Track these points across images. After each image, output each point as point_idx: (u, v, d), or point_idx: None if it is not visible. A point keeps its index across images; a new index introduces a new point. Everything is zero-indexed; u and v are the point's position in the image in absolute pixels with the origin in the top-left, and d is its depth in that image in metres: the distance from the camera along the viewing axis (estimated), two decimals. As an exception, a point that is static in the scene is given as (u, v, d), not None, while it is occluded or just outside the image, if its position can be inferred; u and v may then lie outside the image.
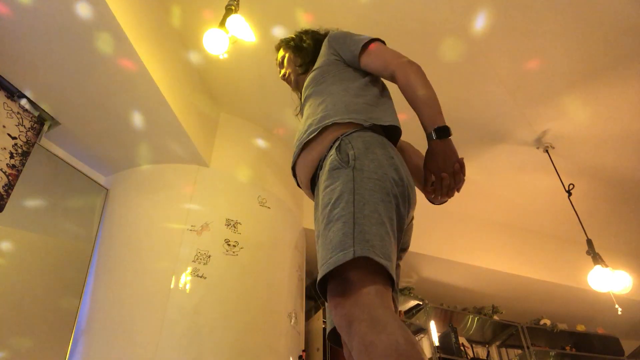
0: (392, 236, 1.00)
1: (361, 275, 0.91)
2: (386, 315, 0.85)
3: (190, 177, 2.93)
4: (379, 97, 1.30)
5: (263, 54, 2.90)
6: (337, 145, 1.11)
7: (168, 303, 2.42)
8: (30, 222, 2.48)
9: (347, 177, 1.03)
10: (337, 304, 0.91)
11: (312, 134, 1.20)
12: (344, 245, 0.92)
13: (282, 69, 1.67)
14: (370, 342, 0.82)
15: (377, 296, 0.88)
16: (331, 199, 1.02)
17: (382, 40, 1.38)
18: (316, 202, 1.19)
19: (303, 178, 1.27)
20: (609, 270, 2.93)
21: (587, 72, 2.99)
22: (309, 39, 1.61)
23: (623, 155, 3.62)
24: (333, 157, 1.09)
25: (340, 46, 1.40)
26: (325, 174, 1.09)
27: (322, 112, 1.24)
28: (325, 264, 0.93)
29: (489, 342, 4.64)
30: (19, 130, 2.36)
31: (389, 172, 1.06)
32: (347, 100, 1.24)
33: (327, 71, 1.38)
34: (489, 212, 4.45)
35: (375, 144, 1.11)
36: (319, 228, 1.05)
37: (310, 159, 1.21)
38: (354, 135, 1.13)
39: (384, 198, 1.01)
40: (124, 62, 2.28)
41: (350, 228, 0.94)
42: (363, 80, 1.33)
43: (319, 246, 1.03)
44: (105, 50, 2.21)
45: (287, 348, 2.76)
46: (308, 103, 1.36)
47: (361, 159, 1.06)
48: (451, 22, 2.72)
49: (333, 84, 1.32)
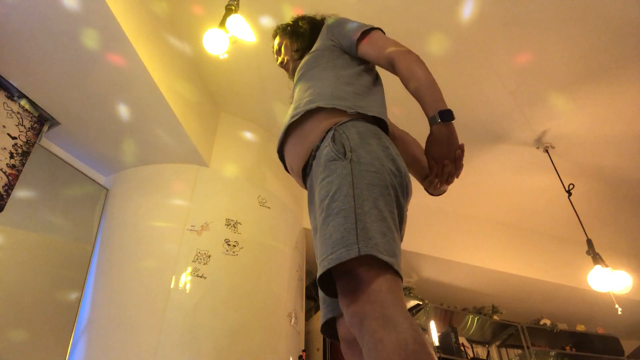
0: (395, 230, 0.99)
1: (370, 273, 0.90)
2: (398, 313, 0.85)
3: (190, 177, 2.93)
4: (369, 88, 1.29)
5: (263, 54, 2.90)
6: (331, 136, 1.10)
7: (168, 303, 2.42)
8: (31, 222, 2.48)
9: (345, 169, 1.02)
10: (349, 303, 0.91)
11: (295, 117, 1.20)
12: (346, 241, 0.91)
13: (280, 56, 1.65)
14: (380, 339, 0.82)
15: (389, 293, 0.88)
16: (329, 192, 1.01)
17: (381, 30, 1.36)
18: (311, 194, 1.18)
19: (295, 166, 1.25)
20: (609, 270, 2.93)
21: (587, 72, 2.99)
22: (306, 24, 1.59)
23: (623, 155, 3.62)
24: (329, 149, 1.08)
25: (339, 31, 1.38)
26: (321, 166, 1.08)
27: (309, 96, 1.23)
28: (326, 260, 0.92)
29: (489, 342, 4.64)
30: (19, 130, 2.36)
31: (386, 164, 1.05)
32: (335, 87, 1.23)
33: (321, 56, 1.36)
34: (489, 212, 4.45)
35: (369, 134, 1.10)
36: (317, 222, 1.04)
37: (302, 148, 1.20)
38: (347, 124, 1.12)
39: (383, 191, 1.00)
40: (124, 62, 2.28)
41: (352, 224, 0.92)
42: (356, 69, 1.32)
43: (317, 240, 1.02)
44: (105, 50, 2.21)
45: (287, 348, 2.76)
46: (298, 87, 1.35)
47: (357, 151, 1.04)
48: (450, 21, 2.72)
49: (325, 70, 1.31)
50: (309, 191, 1.20)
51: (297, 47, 1.57)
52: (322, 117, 1.17)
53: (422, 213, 4.18)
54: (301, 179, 1.27)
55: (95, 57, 2.24)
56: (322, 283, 0.98)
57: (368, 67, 1.36)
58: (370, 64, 1.38)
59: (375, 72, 1.40)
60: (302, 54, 1.53)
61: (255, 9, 2.66)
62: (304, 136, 1.19)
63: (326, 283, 0.99)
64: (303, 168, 1.22)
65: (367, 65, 1.36)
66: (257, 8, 2.66)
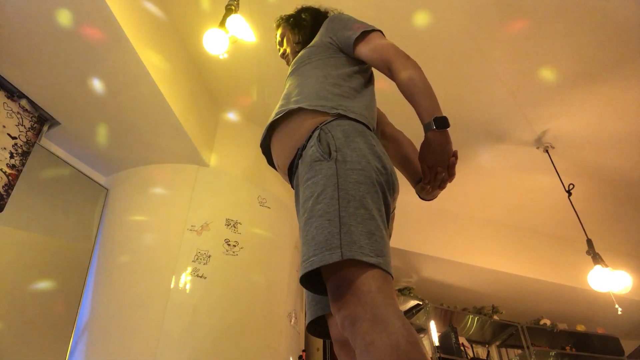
0: (384, 227, 0.98)
1: (359, 274, 0.90)
2: (389, 313, 0.84)
3: (190, 177, 2.93)
4: (357, 90, 1.27)
5: (263, 54, 2.90)
6: (317, 135, 1.10)
7: (168, 303, 2.42)
8: (30, 222, 2.48)
9: (330, 170, 1.01)
10: (340, 306, 0.90)
11: (278, 115, 1.21)
12: (329, 244, 0.90)
13: (282, 47, 1.65)
14: (371, 341, 0.81)
15: (379, 293, 0.87)
16: (313, 193, 1.00)
17: (381, 32, 1.35)
18: (296, 194, 1.18)
19: (281, 163, 1.25)
20: (609, 270, 2.93)
21: (587, 72, 2.99)
22: (308, 16, 1.58)
23: (623, 155, 3.62)
24: (314, 149, 1.07)
25: (339, 29, 1.37)
26: (306, 166, 1.07)
27: (295, 95, 1.23)
28: (308, 261, 0.92)
29: (489, 342, 4.64)
30: (19, 130, 2.36)
31: (372, 161, 1.04)
32: (321, 88, 1.22)
33: (315, 52, 1.35)
34: (489, 212, 4.45)
35: (354, 132, 1.10)
36: (301, 222, 1.04)
37: (287, 147, 1.20)
38: (333, 123, 1.11)
39: (369, 189, 1.00)
40: (124, 62, 2.28)
41: (336, 227, 0.92)
42: (348, 70, 1.30)
43: (300, 240, 1.02)
44: (105, 50, 2.21)
45: (287, 348, 2.76)
46: (289, 81, 1.35)
47: (343, 150, 1.04)
48: (450, 21, 2.72)
49: (316, 68, 1.30)
50: (295, 190, 1.20)
51: (299, 39, 1.56)
52: (307, 116, 1.17)
53: (422, 213, 4.18)
54: (287, 177, 1.26)
55: (95, 57, 2.24)
56: (308, 282, 0.98)
57: (362, 68, 1.35)
58: (365, 66, 1.36)
59: (369, 74, 1.39)
60: (303, 47, 1.52)
61: (255, 9, 2.66)
62: (290, 134, 1.19)
63: (314, 282, 0.99)
64: (290, 166, 1.22)
65: (361, 66, 1.35)
66: (257, 8, 2.66)
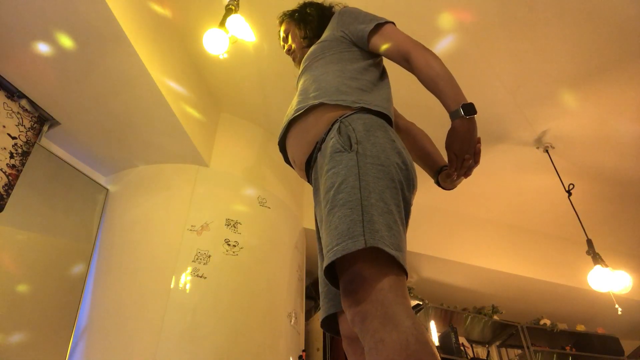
0: (401, 223, 0.98)
1: (373, 270, 0.89)
2: (400, 312, 0.84)
3: (190, 177, 2.93)
4: (374, 83, 1.27)
5: (263, 54, 2.90)
6: (337, 127, 1.09)
7: (168, 303, 2.42)
8: (30, 222, 2.48)
9: (351, 161, 1.00)
10: (351, 303, 0.90)
11: (298, 112, 1.20)
12: (352, 232, 0.89)
13: (286, 43, 1.62)
14: (381, 339, 0.81)
15: (390, 291, 0.87)
16: (334, 183, 0.99)
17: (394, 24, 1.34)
18: (316, 186, 1.17)
19: (297, 159, 1.24)
20: (609, 270, 2.93)
21: (587, 72, 2.99)
22: (314, 10, 1.56)
23: (623, 155, 3.62)
24: (335, 140, 1.07)
25: (351, 22, 1.35)
26: (327, 157, 1.06)
27: (313, 91, 1.21)
28: (332, 251, 0.91)
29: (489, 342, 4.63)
30: (19, 130, 2.36)
31: (392, 157, 1.04)
32: (340, 82, 1.21)
33: (328, 47, 1.34)
34: (489, 212, 4.45)
35: (375, 126, 1.09)
36: (322, 213, 1.03)
37: (306, 140, 1.19)
38: (353, 117, 1.11)
39: (389, 184, 0.99)
40: (123, 62, 2.28)
41: (358, 215, 0.91)
42: (363, 63, 1.29)
43: (323, 231, 1.00)
44: (105, 50, 2.21)
45: (287, 348, 2.76)
46: (303, 78, 1.33)
47: (363, 143, 1.04)
48: (450, 21, 2.72)
49: (331, 63, 1.29)
50: (314, 183, 1.19)
51: (305, 35, 1.54)
52: (326, 110, 1.16)
53: (422, 213, 4.17)
54: (304, 172, 1.26)
55: (95, 57, 2.24)
56: (329, 274, 0.97)
57: (375, 62, 1.34)
58: (378, 59, 1.35)
59: (382, 67, 1.38)
60: (310, 42, 1.50)
61: (255, 8, 2.66)
62: (308, 129, 1.19)
63: (334, 275, 0.97)
64: (307, 161, 1.22)
65: (375, 59, 1.34)
66: (257, 8, 2.66)
